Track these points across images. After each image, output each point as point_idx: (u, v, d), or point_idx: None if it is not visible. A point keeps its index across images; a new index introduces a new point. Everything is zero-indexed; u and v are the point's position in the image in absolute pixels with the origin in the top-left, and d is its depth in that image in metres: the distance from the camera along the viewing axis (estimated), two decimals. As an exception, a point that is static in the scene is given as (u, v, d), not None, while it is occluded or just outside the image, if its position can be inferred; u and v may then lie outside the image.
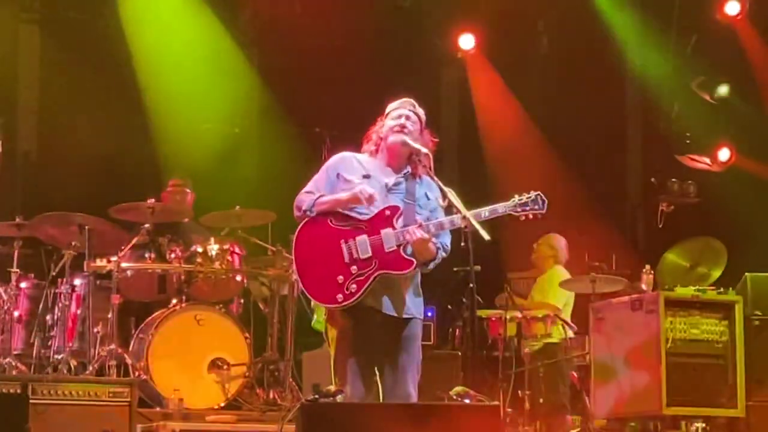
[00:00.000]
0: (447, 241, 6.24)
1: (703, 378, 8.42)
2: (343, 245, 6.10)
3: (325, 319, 6.42)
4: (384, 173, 6.26)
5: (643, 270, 9.43)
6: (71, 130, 10.73)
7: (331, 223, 6.14)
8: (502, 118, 11.92)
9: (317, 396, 5.74)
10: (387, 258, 6.09)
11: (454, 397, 5.94)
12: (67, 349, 8.51)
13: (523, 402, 9.23)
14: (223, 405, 8.41)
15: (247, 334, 8.61)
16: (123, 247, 8.59)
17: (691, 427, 8.34)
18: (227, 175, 11.21)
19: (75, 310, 8.75)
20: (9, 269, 8.64)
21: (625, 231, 11.94)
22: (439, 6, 11.81)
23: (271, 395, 8.72)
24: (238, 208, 9.02)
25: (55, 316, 8.67)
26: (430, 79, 11.89)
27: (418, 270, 6.21)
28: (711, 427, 8.37)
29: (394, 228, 6.11)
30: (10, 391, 7.05)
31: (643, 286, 9.33)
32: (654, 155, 11.65)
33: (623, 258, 10.38)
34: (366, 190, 6.09)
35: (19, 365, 8.43)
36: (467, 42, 11.87)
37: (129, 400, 7.38)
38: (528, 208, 6.20)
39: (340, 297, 6.07)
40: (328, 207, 6.15)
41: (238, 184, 11.23)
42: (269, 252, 9.13)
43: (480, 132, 12.06)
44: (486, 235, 5.96)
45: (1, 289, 8.63)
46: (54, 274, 8.76)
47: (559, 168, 11.34)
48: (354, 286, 6.06)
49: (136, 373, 8.30)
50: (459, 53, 11.96)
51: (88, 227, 8.57)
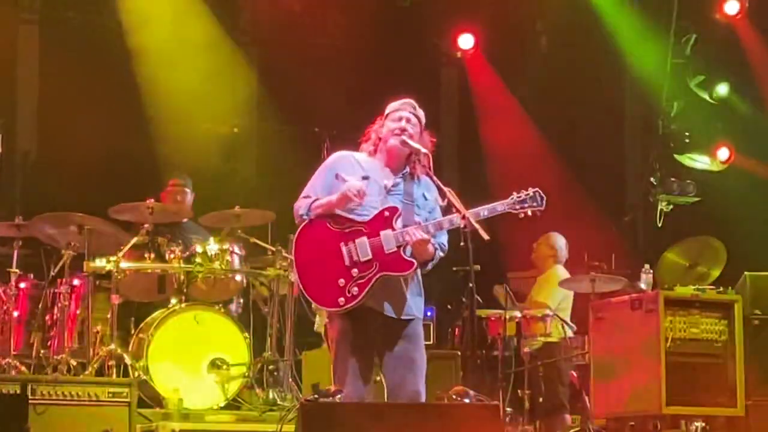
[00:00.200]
0: (444, 240, 6.24)
1: (703, 377, 8.41)
2: (343, 248, 6.09)
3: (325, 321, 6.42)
4: (383, 174, 6.25)
5: (643, 269, 9.42)
6: (71, 131, 10.71)
7: (330, 226, 6.13)
8: (502, 118, 11.93)
9: (317, 396, 5.74)
10: (387, 259, 6.08)
11: (454, 396, 5.93)
12: (67, 349, 8.50)
13: (523, 401, 9.23)
14: (222, 405, 8.41)
15: (246, 334, 8.61)
16: (122, 248, 8.59)
17: (691, 426, 8.34)
18: (227, 175, 11.20)
19: (74, 311, 8.75)
20: (8, 269, 8.64)
21: (625, 230, 11.93)
22: (438, 6, 11.81)
23: (270, 395, 8.72)
24: (237, 208, 9.02)
25: (55, 317, 8.66)
26: (429, 79, 11.89)
27: (417, 270, 6.21)
28: (710, 426, 8.37)
29: (393, 229, 6.10)
30: (10, 391, 7.06)
31: (643, 286, 9.32)
32: (653, 154, 11.63)
33: (623, 257, 10.38)
34: (354, 187, 6.07)
35: (19, 365, 8.42)
36: (466, 42, 11.87)
37: (128, 400, 7.38)
38: (527, 205, 6.20)
39: (342, 300, 6.06)
40: (323, 210, 6.14)
41: (237, 184, 11.23)
42: (269, 252, 9.12)
43: (479, 132, 12.07)
44: (485, 235, 5.96)
45: (0, 290, 8.63)
46: (53, 275, 8.76)
47: (559, 167, 11.34)
48: (356, 289, 6.06)
49: (136, 374, 8.30)
50: (458, 53, 11.97)
51: (87, 227, 8.57)
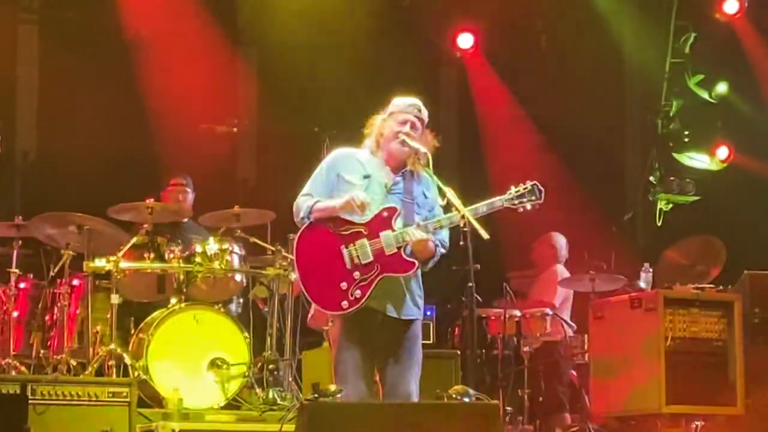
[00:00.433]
0: (445, 237, 6.24)
1: (703, 376, 8.42)
2: (344, 251, 6.10)
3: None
4: (383, 173, 6.26)
5: (642, 268, 9.43)
6: (70, 131, 10.72)
7: (330, 229, 6.14)
8: (501, 117, 11.92)
9: (317, 395, 5.74)
10: (388, 261, 6.09)
11: (454, 396, 5.93)
12: (67, 349, 8.50)
13: (523, 401, 9.24)
14: (222, 405, 8.39)
15: (246, 334, 8.59)
16: (122, 247, 8.59)
17: (691, 425, 8.35)
18: (226, 175, 11.19)
19: (74, 311, 8.75)
20: (8, 269, 8.64)
21: (624, 229, 11.93)
22: (438, 5, 11.80)
23: (270, 395, 8.71)
24: (237, 207, 9.02)
25: (54, 317, 8.67)
26: (429, 79, 11.87)
27: (418, 270, 6.21)
28: (710, 425, 8.38)
29: (392, 230, 6.11)
30: (10, 391, 7.05)
31: (642, 285, 9.33)
32: (653, 153, 11.62)
33: (622, 256, 10.37)
34: (358, 198, 6.08)
35: (19, 365, 8.42)
36: (466, 41, 11.87)
37: (128, 400, 7.38)
38: (525, 200, 6.20)
39: (345, 304, 6.07)
40: (323, 215, 6.15)
41: (237, 183, 11.22)
42: (268, 251, 9.12)
43: (479, 131, 12.06)
44: (485, 234, 5.96)
45: (0, 290, 8.63)
46: (53, 275, 8.76)
47: (558, 166, 11.33)
48: (358, 292, 6.06)
49: (136, 373, 8.29)
50: (458, 52, 11.96)
51: (87, 227, 8.57)
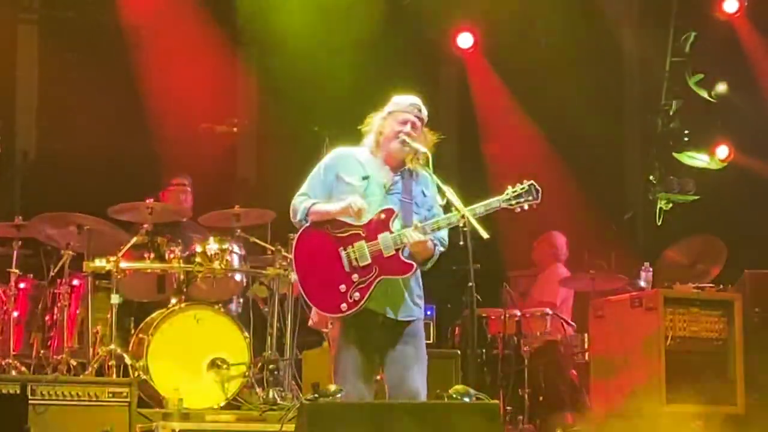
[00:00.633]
0: (444, 234, 6.23)
1: (703, 375, 8.42)
2: (342, 253, 6.09)
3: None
4: (382, 172, 6.26)
5: (643, 267, 9.43)
6: (70, 130, 10.72)
7: (328, 231, 6.13)
8: (501, 117, 11.92)
9: (317, 395, 5.74)
10: (386, 263, 6.09)
11: (454, 395, 5.92)
12: (67, 349, 8.50)
13: (523, 400, 9.24)
14: (222, 405, 8.39)
15: (246, 334, 8.59)
16: (122, 247, 8.59)
17: (691, 424, 8.34)
18: (226, 175, 11.19)
19: (74, 311, 8.75)
20: (8, 270, 8.64)
21: (625, 229, 11.92)
22: (437, 5, 11.79)
23: (270, 395, 8.71)
24: (237, 207, 9.02)
25: (55, 317, 8.67)
26: (429, 78, 11.86)
27: (417, 270, 6.21)
28: (711, 424, 8.37)
29: (391, 231, 6.10)
30: (10, 391, 7.05)
31: (643, 284, 9.33)
32: (652, 152, 11.62)
33: (622, 256, 10.37)
34: (355, 205, 6.08)
35: (19, 366, 8.43)
36: (466, 40, 11.87)
37: (128, 400, 7.39)
38: (522, 200, 6.19)
39: (344, 306, 6.07)
40: (320, 218, 6.15)
41: (237, 183, 11.22)
42: (268, 251, 9.12)
43: (479, 130, 12.06)
44: (485, 234, 5.96)
45: (0, 290, 8.63)
46: (53, 275, 8.77)
47: (558, 166, 11.33)
48: (357, 294, 6.06)
49: (136, 373, 8.29)
50: (458, 52, 11.95)
51: (86, 227, 8.57)
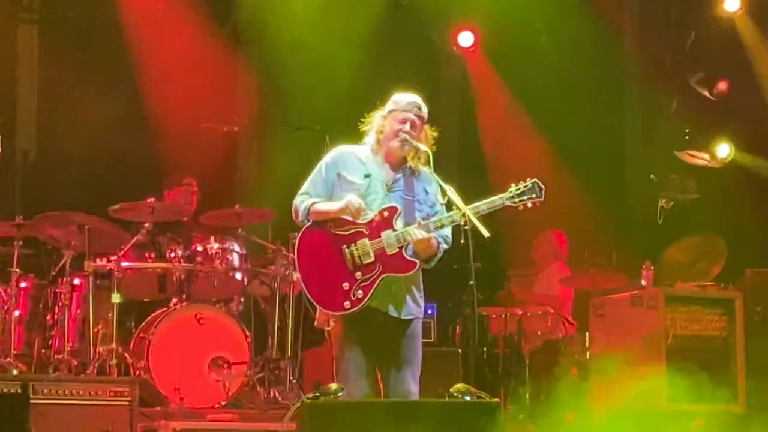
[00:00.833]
0: (448, 232, 6.24)
1: (704, 373, 8.41)
2: (346, 251, 6.10)
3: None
4: (383, 171, 6.27)
5: (644, 266, 9.41)
6: (70, 130, 10.72)
7: (331, 229, 6.14)
8: (502, 116, 11.92)
9: (318, 394, 5.75)
10: (390, 261, 6.10)
11: (455, 394, 5.93)
12: (68, 348, 8.51)
13: (524, 399, 9.24)
14: (223, 404, 8.41)
15: (247, 333, 8.61)
16: (123, 247, 8.60)
17: (692, 422, 8.34)
18: (227, 174, 11.19)
19: (75, 310, 8.76)
20: (9, 269, 8.65)
21: (625, 227, 11.91)
22: (438, 4, 11.79)
23: (272, 394, 8.73)
24: (238, 206, 9.02)
25: (56, 316, 8.68)
26: (429, 77, 11.86)
27: (420, 268, 6.22)
28: (712, 422, 8.37)
29: (394, 229, 6.11)
30: (11, 391, 7.06)
31: (644, 282, 9.32)
32: (653, 151, 11.61)
33: (623, 254, 10.37)
34: (353, 204, 6.09)
35: (20, 365, 8.43)
36: (466, 39, 11.87)
37: (130, 399, 7.39)
38: (526, 198, 6.20)
39: (348, 304, 6.08)
40: (321, 218, 6.15)
41: (238, 182, 11.22)
42: (269, 250, 9.13)
43: (480, 129, 12.06)
44: (486, 232, 5.96)
45: (1, 289, 8.64)
46: (54, 274, 8.78)
47: (559, 165, 11.32)
48: (360, 292, 6.07)
49: (137, 373, 8.31)
50: (458, 51, 11.95)
51: (87, 227, 8.58)
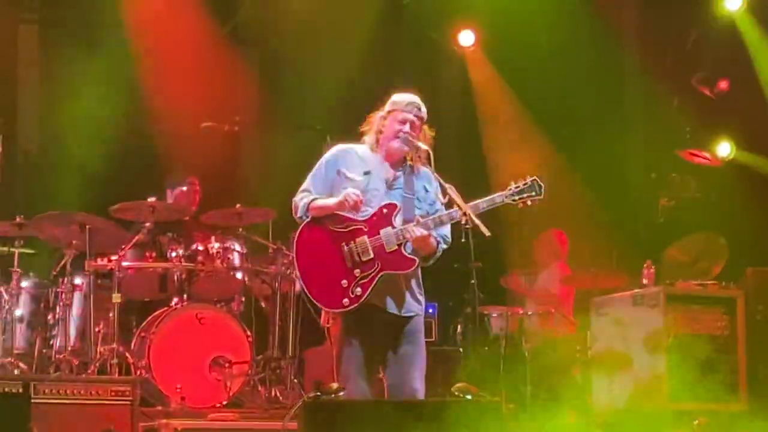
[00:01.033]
0: (447, 232, 6.24)
1: (706, 372, 8.41)
2: (345, 248, 6.11)
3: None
4: (383, 168, 6.28)
5: (645, 265, 9.41)
6: (71, 130, 10.71)
7: (330, 227, 6.15)
8: (503, 115, 11.92)
9: (319, 393, 5.75)
10: (389, 258, 6.10)
11: (456, 393, 5.93)
12: (69, 348, 8.51)
13: (525, 398, 9.23)
14: (225, 403, 8.41)
15: (248, 332, 8.61)
16: (124, 246, 8.60)
17: (694, 421, 8.34)
18: (228, 174, 11.19)
19: (76, 310, 8.76)
20: (10, 269, 8.65)
21: (626, 226, 11.91)
22: (438, 3, 11.79)
23: (273, 393, 8.73)
24: (238, 206, 9.02)
25: (57, 316, 8.68)
26: (430, 76, 11.86)
27: (419, 266, 6.21)
28: (713, 421, 8.37)
29: (393, 226, 6.12)
30: (12, 390, 7.05)
31: (645, 282, 9.32)
32: (654, 150, 11.61)
33: (624, 253, 10.36)
34: (351, 197, 6.09)
35: (21, 365, 8.43)
36: (467, 38, 11.86)
37: (131, 398, 7.38)
38: (525, 195, 6.21)
39: (347, 301, 6.09)
40: (320, 213, 6.16)
41: (238, 182, 11.22)
42: (270, 250, 9.13)
43: (480, 128, 12.06)
44: (486, 231, 5.96)
45: (2, 289, 8.64)
46: (55, 274, 8.77)
47: (560, 164, 11.32)
48: (359, 289, 6.07)
49: (138, 372, 8.31)
50: (459, 50, 11.95)
51: (88, 226, 8.57)
